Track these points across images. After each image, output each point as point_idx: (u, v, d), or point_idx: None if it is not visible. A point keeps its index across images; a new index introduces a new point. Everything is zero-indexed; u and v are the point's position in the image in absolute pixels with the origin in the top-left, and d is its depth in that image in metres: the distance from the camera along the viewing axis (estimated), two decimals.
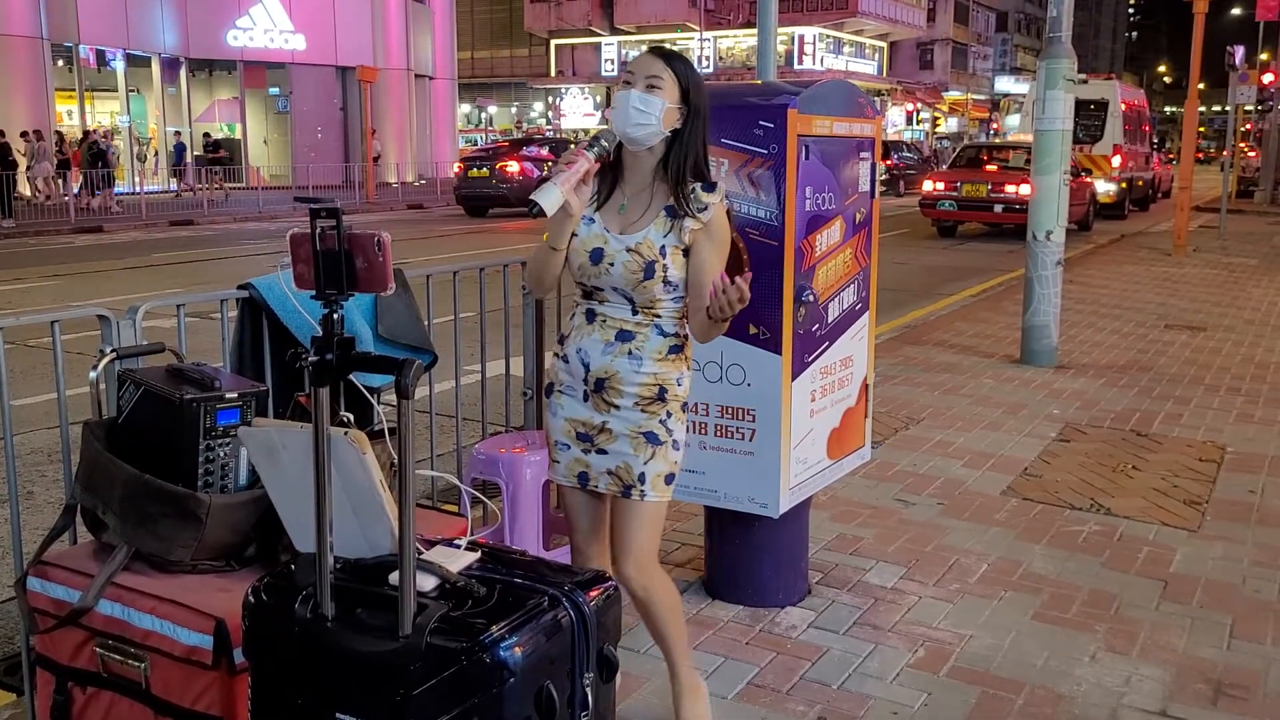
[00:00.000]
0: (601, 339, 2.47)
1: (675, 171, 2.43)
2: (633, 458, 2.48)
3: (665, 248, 2.42)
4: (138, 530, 2.34)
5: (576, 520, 2.66)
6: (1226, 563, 3.94)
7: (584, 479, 2.55)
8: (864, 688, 3.03)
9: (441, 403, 4.25)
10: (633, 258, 2.41)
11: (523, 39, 54.41)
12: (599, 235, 2.45)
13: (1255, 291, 11.11)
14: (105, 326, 2.76)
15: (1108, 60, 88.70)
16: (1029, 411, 6.09)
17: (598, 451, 2.51)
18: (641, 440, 2.48)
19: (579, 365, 2.50)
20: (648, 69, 2.41)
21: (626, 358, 2.45)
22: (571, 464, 2.55)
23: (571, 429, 2.53)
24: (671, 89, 2.40)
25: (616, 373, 2.46)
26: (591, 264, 2.44)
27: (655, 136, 2.41)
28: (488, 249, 15.56)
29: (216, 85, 33.09)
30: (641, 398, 2.46)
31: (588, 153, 2.34)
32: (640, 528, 2.52)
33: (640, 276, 2.41)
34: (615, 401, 2.47)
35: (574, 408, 2.52)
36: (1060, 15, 7.10)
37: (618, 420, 2.48)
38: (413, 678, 1.75)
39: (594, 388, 2.48)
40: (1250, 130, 38.12)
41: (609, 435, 2.49)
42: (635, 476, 2.49)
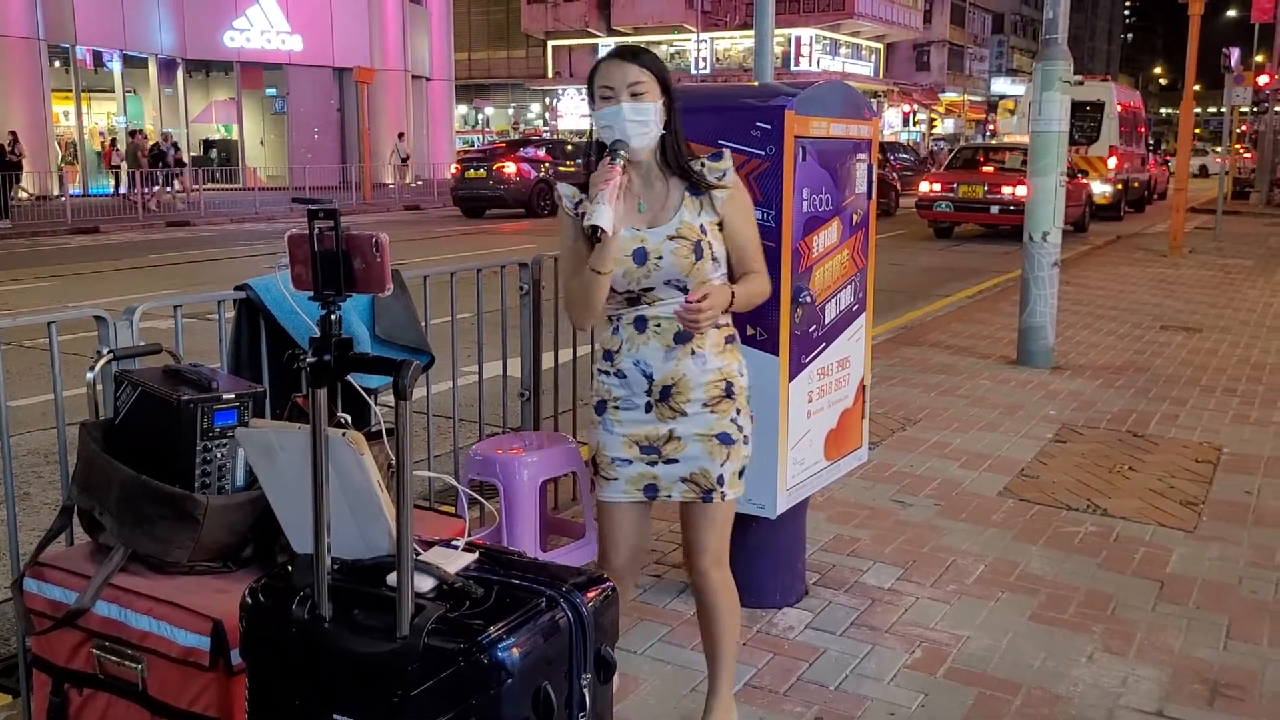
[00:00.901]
0: (661, 345, 2.44)
1: (675, 155, 2.44)
2: (709, 461, 2.47)
3: (704, 225, 2.43)
4: (135, 531, 2.34)
5: (622, 541, 2.56)
6: (1223, 563, 3.95)
7: (652, 491, 2.50)
8: (861, 688, 3.03)
9: (439, 404, 4.25)
10: (680, 244, 2.41)
11: (519, 40, 54.41)
12: (634, 237, 2.42)
13: (1251, 292, 11.13)
14: (102, 327, 2.77)
15: (1104, 62, 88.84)
16: (1025, 412, 6.10)
17: (666, 462, 2.47)
18: (715, 443, 2.46)
19: (640, 377, 2.45)
20: (627, 78, 2.37)
21: (690, 358, 2.44)
22: (635, 479, 2.49)
23: (632, 443, 2.48)
24: (653, 87, 2.39)
25: (684, 376, 2.44)
26: (637, 265, 2.41)
27: (656, 138, 2.41)
28: (485, 250, 15.56)
29: (213, 86, 33.09)
30: (710, 398, 2.45)
31: (615, 164, 2.32)
32: (720, 526, 2.54)
33: (692, 259, 2.40)
34: (683, 407, 2.44)
35: (634, 421, 2.47)
36: (1056, 17, 7.12)
37: (685, 425, 2.45)
38: (410, 679, 1.75)
39: (659, 397, 2.45)
40: (1246, 132, 38.19)
41: (677, 443, 2.46)
42: (714, 480, 2.48)
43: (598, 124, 2.41)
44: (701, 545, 2.56)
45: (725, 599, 2.60)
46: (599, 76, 2.42)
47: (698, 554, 2.57)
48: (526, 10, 51.66)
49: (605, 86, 2.39)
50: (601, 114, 2.39)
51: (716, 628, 2.62)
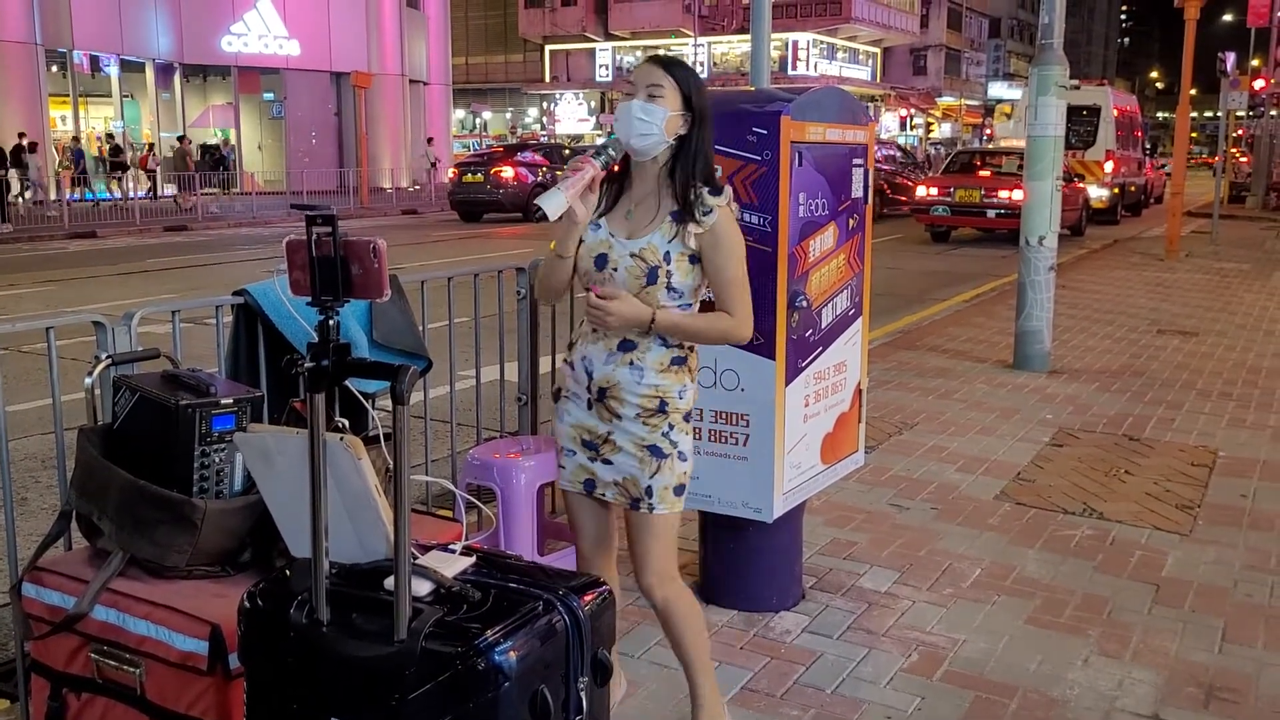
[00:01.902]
0: (605, 348, 2.47)
1: (683, 177, 2.43)
2: (638, 471, 2.49)
3: (670, 253, 2.41)
4: (133, 536, 2.34)
5: (582, 526, 2.65)
6: (1218, 567, 3.96)
7: (590, 485, 2.55)
8: (858, 692, 3.04)
9: (436, 408, 4.26)
10: (636, 263, 2.41)
11: (517, 45, 54.47)
12: (604, 241, 2.45)
13: (1247, 296, 11.15)
14: (101, 332, 2.77)
15: (1100, 66, 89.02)
16: (1022, 416, 6.11)
17: (603, 461, 2.52)
18: (646, 454, 2.48)
19: (583, 373, 2.51)
20: (648, 78, 2.41)
21: (628, 368, 2.45)
22: (577, 470, 2.56)
23: (577, 435, 2.54)
24: (673, 96, 2.40)
25: (618, 383, 2.46)
26: (596, 269, 2.44)
27: (659, 145, 2.41)
28: (482, 254, 15.57)
29: (211, 91, 33.07)
30: (643, 409, 2.46)
31: (594, 160, 2.34)
32: (654, 540, 2.53)
33: (643, 282, 2.41)
34: (618, 411, 2.47)
35: (579, 414, 2.53)
36: (1052, 22, 7.14)
37: (621, 432, 2.48)
38: (408, 682, 1.75)
39: (597, 396, 2.49)
40: (1242, 135, 38.26)
41: (613, 446, 2.50)
42: (642, 490, 2.49)
43: (616, 117, 2.46)
44: (639, 558, 2.55)
45: (679, 612, 2.57)
46: (631, 73, 2.50)
47: (640, 571, 2.56)
48: (524, 15, 51.72)
49: (630, 83, 2.45)
50: (619, 107, 2.45)
51: (675, 637, 2.61)
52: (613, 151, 2.38)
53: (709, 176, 2.46)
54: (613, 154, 2.38)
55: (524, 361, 4.25)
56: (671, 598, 2.56)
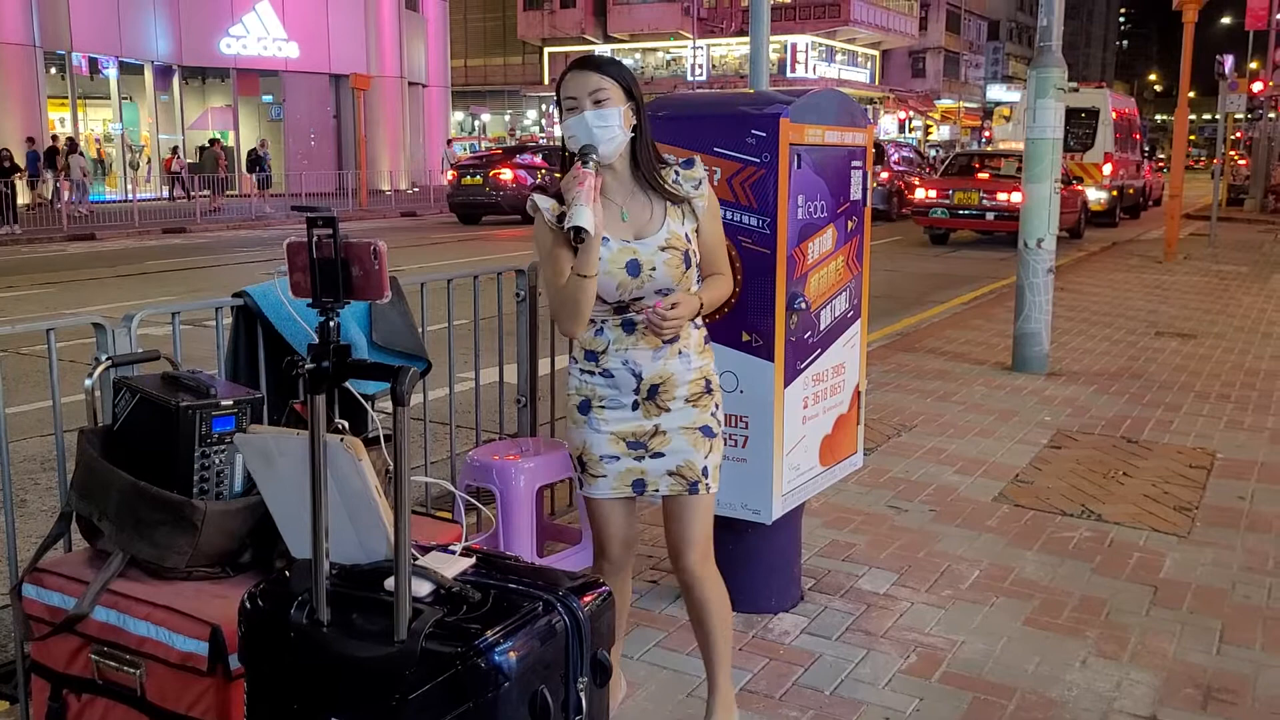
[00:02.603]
0: (649, 345, 2.48)
1: (647, 164, 2.47)
2: (693, 453, 2.52)
3: (688, 234, 2.48)
4: (133, 537, 2.35)
5: (614, 533, 2.61)
6: (1216, 568, 3.97)
7: (639, 485, 2.55)
8: (856, 693, 3.05)
9: (436, 410, 4.27)
10: (671, 254, 2.44)
11: (516, 47, 54.49)
12: (625, 248, 2.43)
13: (1245, 299, 11.16)
14: (101, 334, 2.78)
15: (1099, 69, 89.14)
16: (1020, 418, 6.12)
17: (653, 456, 2.52)
18: (699, 435, 2.53)
19: (628, 376, 2.49)
20: (588, 86, 2.39)
21: (678, 358, 2.50)
22: (623, 474, 2.53)
23: (619, 440, 2.52)
24: (616, 92, 2.40)
25: (672, 375, 2.49)
26: (631, 277, 2.42)
27: (622, 143, 2.43)
28: (481, 256, 15.58)
29: (210, 93, 33.08)
30: (693, 394, 2.52)
31: (587, 169, 2.32)
32: (704, 520, 2.58)
33: (683, 269, 2.46)
34: (667, 404, 2.50)
35: (621, 419, 2.51)
36: (1051, 24, 7.15)
37: (670, 420, 2.50)
38: (408, 682, 1.76)
39: (647, 395, 2.50)
40: (1240, 138, 38.30)
41: (663, 437, 2.51)
42: (699, 471, 2.53)
43: (565, 135, 2.43)
44: (689, 539, 2.58)
45: (715, 594, 2.63)
46: (563, 88, 2.43)
47: (686, 549, 2.59)
48: (523, 17, 51.74)
49: (569, 97, 2.41)
50: (567, 124, 2.41)
51: (709, 625, 2.64)
52: (595, 157, 2.37)
53: (660, 157, 2.53)
54: (595, 159, 2.37)
55: (523, 363, 4.26)
56: (711, 579, 2.61)
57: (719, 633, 2.65)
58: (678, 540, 2.60)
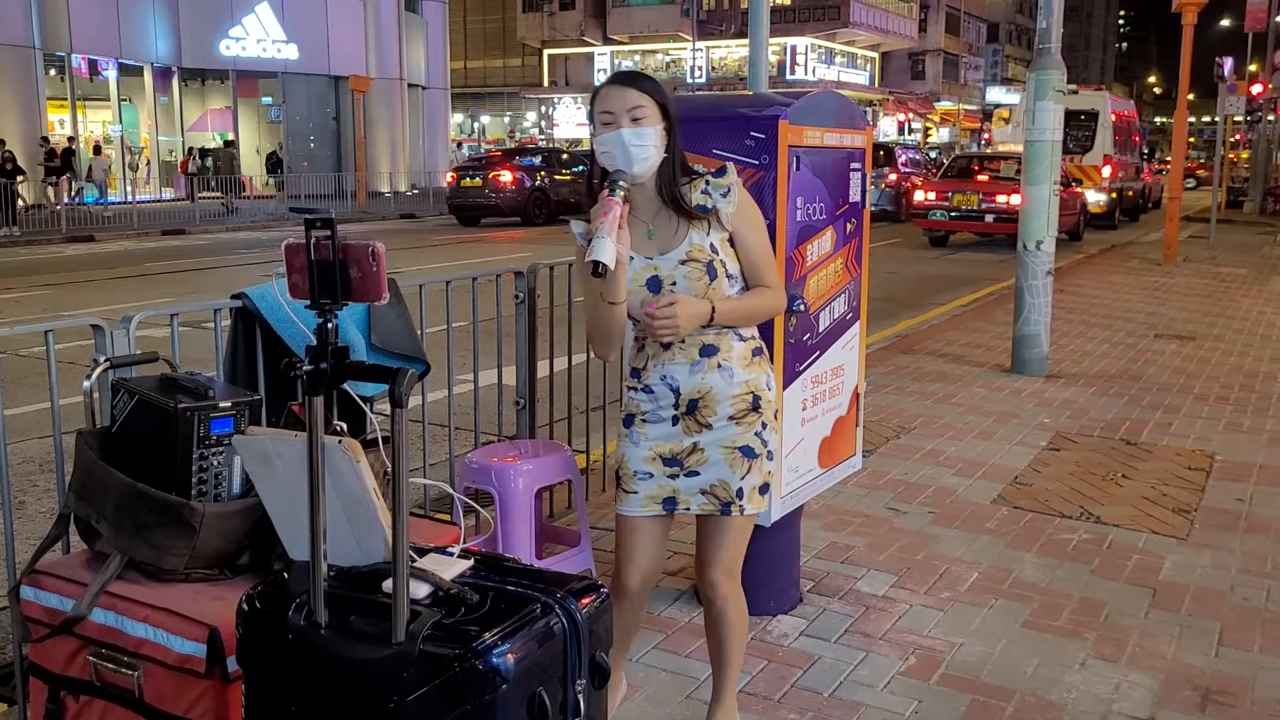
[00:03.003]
0: (686, 359, 2.45)
1: (669, 178, 2.42)
2: (729, 474, 2.47)
3: (715, 244, 2.42)
4: (131, 539, 2.35)
5: (635, 559, 2.55)
6: (1215, 570, 3.97)
7: (670, 504, 2.51)
8: (855, 695, 3.05)
9: (434, 412, 4.27)
10: (692, 267, 2.40)
11: (516, 49, 54.54)
12: (646, 266, 2.42)
13: (1244, 301, 11.17)
14: (99, 336, 2.77)
15: (1098, 71, 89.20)
16: (1020, 420, 6.12)
17: (687, 474, 2.49)
18: (738, 455, 2.47)
19: (667, 391, 2.46)
20: (626, 103, 2.36)
21: (717, 372, 2.44)
22: (655, 492, 2.50)
23: (656, 456, 2.49)
24: (653, 111, 2.38)
25: (711, 389, 2.44)
26: (653, 293, 2.41)
27: (656, 162, 2.40)
28: (480, 258, 15.58)
29: (209, 95, 33.07)
30: (737, 411, 2.46)
31: (615, 198, 2.29)
32: (735, 540, 2.54)
33: (706, 280, 2.40)
34: (709, 420, 2.45)
35: (660, 434, 2.48)
36: (1050, 27, 7.16)
37: (710, 438, 2.46)
38: (406, 684, 1.75)
39: (686, 410, 2.46)
40: (1239, 141, 38.31)
41: (700, 455, 2.47)
42: (733, 493, 2.48)
43: (598, 149, 2.39)
44: (714, 558, 2.56)
45: (734, 611, 2.60)
46: (599, 102, 2.40)
47: (709, 565, 2.57)
48: (523, 19, 51.78)
49: (605, 112, 2.37)
50: (602, 139, 2.37)
51: (725, 638, 2.62)
52: (623, 183, 2.34)
53: (688, 170, 2.48)
54: (624, 186, 2.34)
55: (522, 365, 4.26)
56: (733, 597, 2.58)
57: (733, 648, 2.63)
58: (704, 556, 2.58)
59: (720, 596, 2.57)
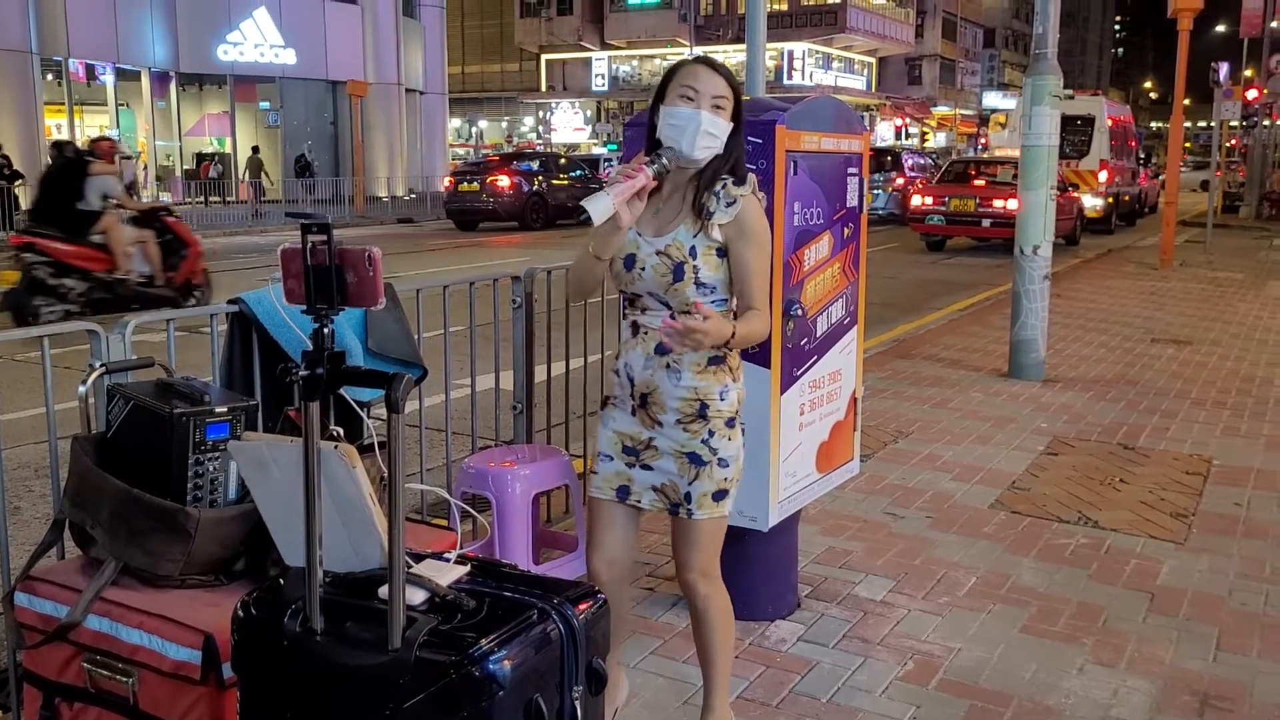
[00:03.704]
0: (642, 353, 2.46)
1: (712, 174, 2.40)
2: (678, 477, 2.49)
3: (695, 248, 2.40)
4: (126, 545, 2.34)
5: (600, 536, 2.59)
6: (1213, 575, 3.97)
7: (623, 492, 2.53)
8: (853, 701, 3.04)
9: (431, 417, 4.26)
10: (661, 260, 2.40)
11: (514, 54, 54.58)
12: (632, 241, 2.43)
13: (1241, 305, 11.18)
14: (95, 341, 2.77)
15: (1094, 76, 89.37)
16: (1017, 425, 6.12)
17: (643, 467, 2.51)
18: (685, 461, 2.48)
19: (626, 380, 2.50)
20: (714, 89, 2.36)
21: (665, 371, 2.44)
22: (611, 476, 2.54)
23: (619, 441, 2.53)
24: (731, 108, 2.40)
25: (657, 387, 2.45)
26: (626, 270, 2.44)
27: (711, 155, 2.40)
28: (477, 263, 15.56)
29: (206, 99, 33.07)
30: (683, 414, 2.45)
31: (649, 169, 2.29)
32: (696, 544, 2.53)
33: (670, 279, 2.39)
34: (659, 418, 2.47)
35: (623, 421, 2.52)
36: (1046, 32, 7.17)
37: (663, 438, 2.48)
38: (402, 691, 1.75)
39: (639, 403, 2.49)
40: (1235, 146, 38.37)
41: (655, 452, 2.49)
42: (681, 495, 2.49)
43: (668, 120, 2.36)
44: (684, 560, 2.57)
45: (714, 611, 2.60)
46: (683, 75, 2.38)
47: (682, 567, 2.59)
48: (520, 24, 51.84)
49: (689, 87, 2.37)
50: (675, 112, 2.36)
51: (706, 639, 2.63)
52: (666, 160, 2.33)
53: (742, 172, 2.46)
54: (666, 163, 2.33)
55: (519, 370, 4.25)
56: (712, 597, 2.58)
57: (717, 649, 2.62)
58: (677, 557, 2.60)
59: (700, 597, 2.57)
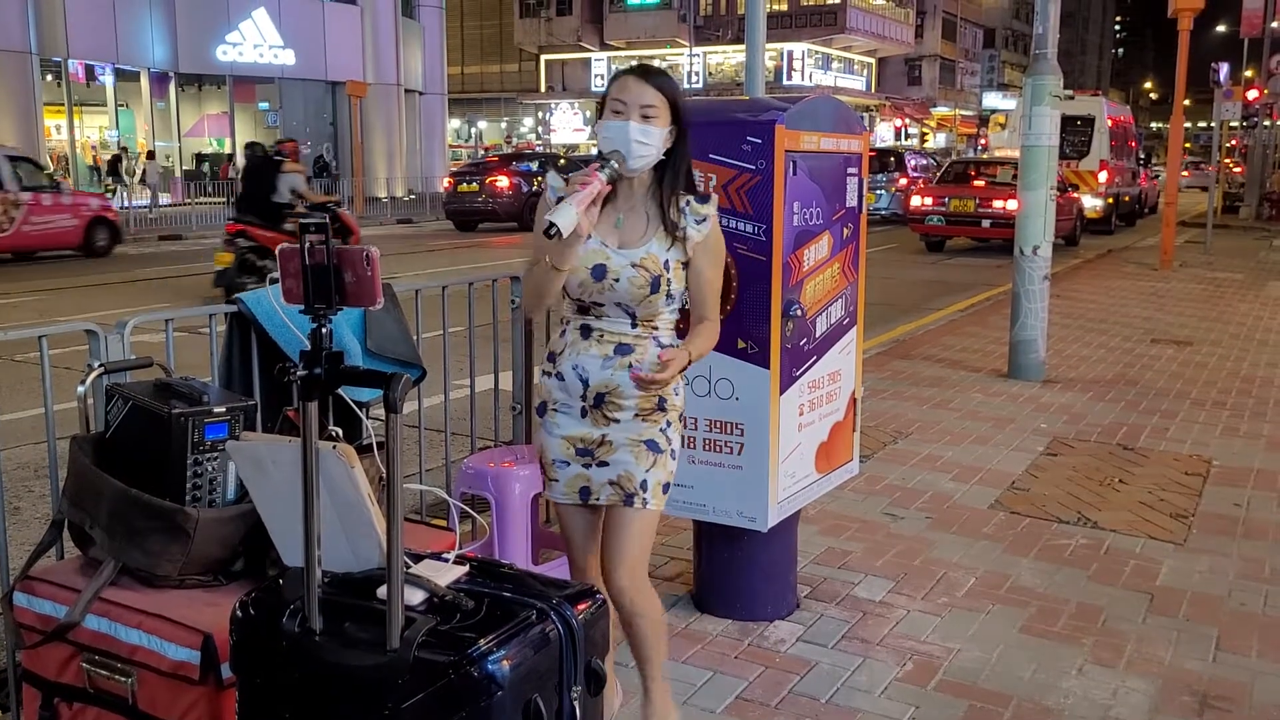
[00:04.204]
0: (599, 354, 2.46)
1: (671, 188, 2.45)
2: (634, 466, 2.49)
3: (669, 262, 2.44)
4: (125, 545, 2.34)
5: (575, 537, 2.65)
6: (1212, 575, 3.96)
7: (585, 494, 2.54)
8: (852, 701, 3.04)
9: (430, 417, 4.25)
10: (639, 273, 2.41)
11: (513, 54, 54.57)
12: (598, 251, 2.43)
13: (1241, 306, 11.17)
14: (93, 341, 2.77)
15: (1094, 76, 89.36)
16: (1017, 425, 6.11)
17: (598, 464, 2.51)
18: (643, 449, 2.49)
19: (576, 381, 2.48)
20: (640, 97, 2.37)
21: (626, 371, 2.45)
22: (572, 480, 2.53)
23: (570, 446, 2.51)
24: (664, 113, 2.40)
25: (617, 386, 2.46)
26: (594, 280, 2.42)
27: (652, 162, 2.42)
28: (476, 264, 15.56)
29: (206, 100, 33.06)
30: (642, 409, 2.47)
31: (600, 175, 2.31)
32: (637, 536, 2.53)
33: (646, 291, 2.42)
34: (615, 415, 2.47)
35: (571, 425, 2.51)
36: (1046, 32, 7.17)
37: (618, 431, 2.48)
38: (400, 692, 1.75)
39: (593, 403, 2.48)
40: (1236, 146, 38.38)
41: (609, 447, 2.49)
42: (637, 484, 2.50)
43: (601, 135, 2.41)
44: (617, 553, 2.52)
45: (645, 608, 2.56)
46: (614, 89, 2.42)
47: (612, 564, 2.53)
48: (520, 25, 51.82)
49: (618, 100, 2.39)
50: (608, 126, 2.39)
51: (638, 638, 2.60)
52: (615, 164, 2.35)
53: (692, 184, 2.51)
54: (615, 167, 2.35)
55: (518, 370, 4.25)
56: (640, 597, 2.55)
57: (652, 643, 2.60)
58: (608, 554, 2.54)
59: (629, 598, 2.53)
